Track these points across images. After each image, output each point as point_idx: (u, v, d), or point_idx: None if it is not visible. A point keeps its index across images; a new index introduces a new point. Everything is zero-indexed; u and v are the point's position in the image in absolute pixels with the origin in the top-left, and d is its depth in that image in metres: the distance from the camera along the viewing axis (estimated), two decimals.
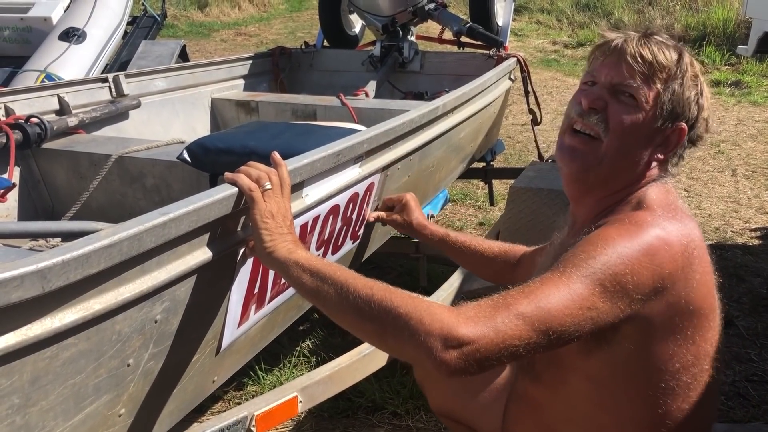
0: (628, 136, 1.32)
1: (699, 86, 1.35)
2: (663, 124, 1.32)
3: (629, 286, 1.17)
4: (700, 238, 1.30)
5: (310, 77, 4.11)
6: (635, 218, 1.27)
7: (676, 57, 1.32)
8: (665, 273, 1.20)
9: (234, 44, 11.68)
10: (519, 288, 1.16)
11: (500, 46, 3.88)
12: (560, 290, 1.14)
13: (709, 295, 1.29)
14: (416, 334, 1.09)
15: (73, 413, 1.15)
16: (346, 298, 1.17)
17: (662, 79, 1.31)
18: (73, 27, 5.48)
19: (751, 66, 8.90)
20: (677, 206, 1.33)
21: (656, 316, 1.22)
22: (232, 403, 2.65)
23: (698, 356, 1.29)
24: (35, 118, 2.35)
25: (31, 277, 0.96)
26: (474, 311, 1.12)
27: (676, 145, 1.35)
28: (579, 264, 1.17)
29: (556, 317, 1.12)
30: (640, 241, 1.21)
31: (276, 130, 2.24)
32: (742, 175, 5.48)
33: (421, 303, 1.13)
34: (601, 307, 1.16)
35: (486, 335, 1.08)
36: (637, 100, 1.31)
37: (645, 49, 1.31)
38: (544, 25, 12.22)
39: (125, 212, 2.29)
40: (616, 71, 1.32)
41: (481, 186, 5.04)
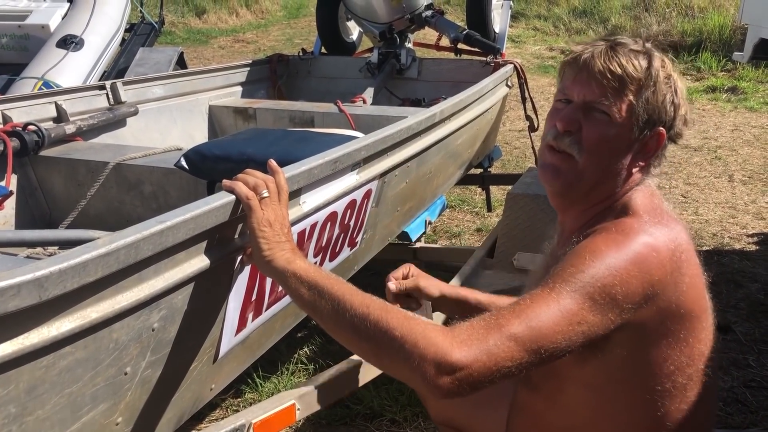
0: (604, 152, 1.32)
1: (672, 86, 1.33)
2: (640, 133, 1.32)
3: (619, 296, 1.17)
4: (688, 240, 1.30)
5: (307, 84, 4.12)
6: (622, 226, 1.27)
7: (646, 64, 1.31)
8: (654, 280, 1.21)
9: (232, 51, 11.69)
10: (510, 307, 1.17)
11: (497, 52, 3.89)
12: (550, 307, 1.15)
13: (699, 297, 1.30)
14: (410, 358, 1.10)
15: (70, 422, 1.15)
16: (343, 315, 1.17)
17: (634, 91, 1.29)
18: (71, 34, 5.48)
19: (747, 72, 8.93)
20: (662, 210, 1.34)
21: (648, 321, 1.23)
22: (230, 410, 2.65)
23: (692, 357, 1.29)
24: (33, 126, 2.35)
25: (28, 286, 0.96)
26: (467, 333, 1.12)
27: (656, 150, 1.35)
28: (567, 279, 1.18)
29: (547, 335, 1.13)
30: (628, 251, 1.21)
31: (273, 137, 2.25)
32: (739, 180, 5.49)
33: (417, 325, 1.13)
34: (591, 320, 1.16)
35: (479, 359, 1.09)
36: (610, 116, 1.30)
37: (613, 63, 1.30)
38: (541, 31, 12.26)
39: (123, 219, 2.29)
40: (588, 89, 1.31)
41: (478, 192, 5.04)
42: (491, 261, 3.08)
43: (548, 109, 1.43)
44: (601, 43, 1.34)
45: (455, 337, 1.11)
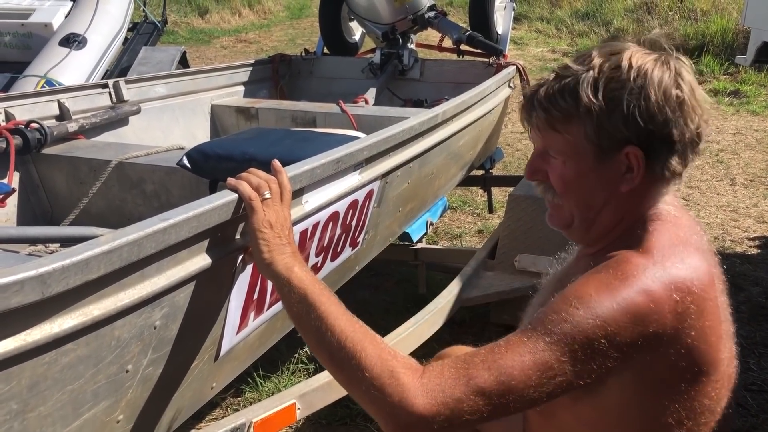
0: (575, 190, 1.26)
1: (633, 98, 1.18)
2: (603, 159, 1.22)
3: (603, 348, 1.10)
4: (705, 286, 1.18)
5: (309, 84, 4.12)
6: (624, 268, 1.16)
7: (571, 96, 1.20)
8: (648, 332, 1.12)
9: (234, 51, 11.70)
10: (484, 353, 1.12)
11: (500, 54, 3.89)
12: (524, 360, 1.09)
13: (710, 350, 1.19)
14: (376, 401, 1.10)
15: (72, 419, 1.15)
16: (322, 338, 1.17)
17: (570, 127, 1.21)
18: (74, 33, 5.49)
19: (749, 75, 8.92)
20: (687, 244, 1.21)
21: (640, 372, 1.15)
22: (231, 409, 2.65)
23: (693, 411, 1.20)
24: (35, 124, 2.36)
25: (31, 283, 0.96)
26: (436, 381, 1.09)
27: (639, 169, 1.21)
28: (548, 328, 1.11)
29: (517, 389, 1.09)
30: (620, 300, 1.11)
31: (276, 136, 2.25)
32: (741, 184, 5.49)
33: (387, 365, 1.11)
34: (569, 372, 1.10)
35: (441, 413, 1.07)
36: (561, 156, 1.24)
37: (539, 108, 1.23)
38: (543, 33, 12.25)
39: (125, 218, 2.29)
40: (536, 135, 1.28)
41: (480, 193, 5.04)
42: (492, 262, 3.09)
43: None
44: (536, 87, 1.27)
45: (423, 385, 1.09)
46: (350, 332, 1.15)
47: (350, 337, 1.15)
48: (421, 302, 2.74)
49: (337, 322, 1.17)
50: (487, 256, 3.12)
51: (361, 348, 1.13)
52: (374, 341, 1.15)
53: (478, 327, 3.24)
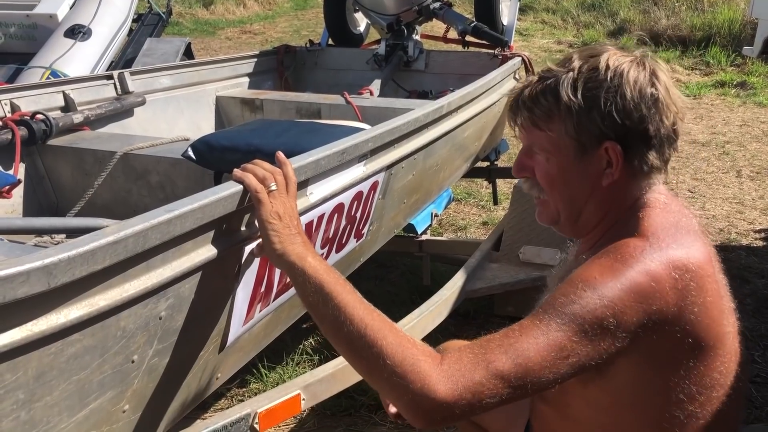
0: (558, 186, 1.31)
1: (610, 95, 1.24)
2: (583, 155, 1.28)
3: (612, 327, 1.14)
4: (702, 264, 1.22)
5: (314, 75, 4.11)
6: (622, 251, 1.21)
7: (552, 95, 1.26)
8: (652, 310, 1.16)
9: (239, 42, 11.68)
10: (499, 338, 1.16)
11: (505, 45, 3.87)
12: (539, 342, 1.14)
13: (714, 325, 1.23)
14: (398, 388, 1.13)
15: (78, 409, 1.16)
16: (341, 328, 1.19)
17: (551, 124, 1.28)
18: (79, 24, 5.48)
19: (756, 67, 8.87)
20: (678, 227, 1.26)
21: (649, 350, 1.19)
22: (236, 400, 2.66)
23: (703, 386, 1.24)
24: (40, 115, 2.36)
25: (37, 273, 0.97)
26: (455, 368, 1.12)
27: (619, 162, 1.26)
28: (558, 310, 1.16)
29: (534, 371, 1.13)
30: (624, 280, 1.16)
31: (280, 128, 2.25)
32: (747, 176, 5.47)
33: (409, 353, 1.14)
34: (582, 351, 1.14)
35: (463, 397, 1.11)
36: (544, 152, 1.31)
37: (523, 107, 1.30)
38: (549, 24, 12.20)
39: (130, 209, 2.29)
40: (521, 134, 1.35)
41: (485, 185, 5.04)
42: (497, 254, 3.09)
43: None
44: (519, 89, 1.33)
45: (443, 372, 1.12)
46: (369, 321, 1.18)
47: (370, 325, 1.17)
48: (425, 294, 2.74)
49: (356, 311, 1.19)
50: (491, 248, 3.12)
51: (382, 336, 1.15)
52: (393, 329, 1.18)
53: (483, 318, 3.24)
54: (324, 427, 2.53)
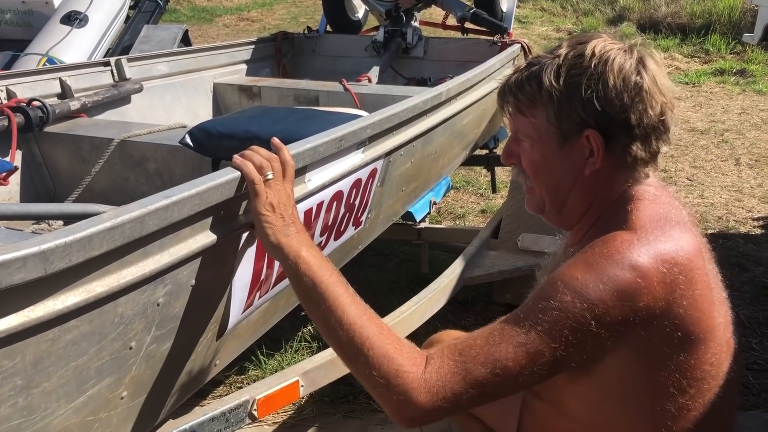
0: (543, 174, 1.32)
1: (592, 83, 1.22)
2: (564, 142, 1.27)
3: (593, 330, 1.14)
4: (691, 256, 1.20)
5: (312, 62, 4.09)
6: (609, 246, 1.19)
7: (535, 82, 1.26)
8: (639, 307, 1.15)
9: (236, 29, 11.62)
10: (480, 345, 1.18)
11: (504, 32, 3.85)
12: (518, 351, 1.15)
13: (704, 318, 1.21)
14: (382, 396, 1.19)
15: (76, 395, 1.15)
16: (332, 328, 1.22)
17: (535, 110, 1.28)
18: (75, 11, 5.46)
19: (756, 54, 8.84)
20: (667, 218, 1.24)
21: (636, 346, 1.18)
22: (234, 387, 2.67)
23: (694, 379, 1.23)
24: (37, 102, 2.35)
25: (34, 259, 0.96)
26: (436, 377, 1.16)
27: (600, 150, 1.25)
28: (539, 316, 1.16)
29: (512, 378, 1.16)
30: (607, 279, 1.14)
31: (278, 115, 2.24)
32: (746, 164, 5.47)
33: (393, 364, 1.17)
34: (562, 356, 1.15)
35: (442, 407, 1.16)
36: (529, 139, 1.31)
37: (509, 93, 1.32)
38: (548, 12, 12.14)
39: (127, 197, 2.28)
40: (509, 120, 1.36)
41: (483, 173, 5.03)
42: (495, 242, 3.09)
43: None
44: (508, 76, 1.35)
45: (425, 381, 1.16)
46: (358, 327, 1.21)
47: (357, 333, 1.20)
48: (424, 281, 2.74)
49: (345, 315, 1.22)
50: (490, 236, 3.12)
51: (369, 346, 1.19)
52: (380, 335, 1.21)
53: (481, 306, 3.25)
54: (322, 413, 2.54)
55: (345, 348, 1.22)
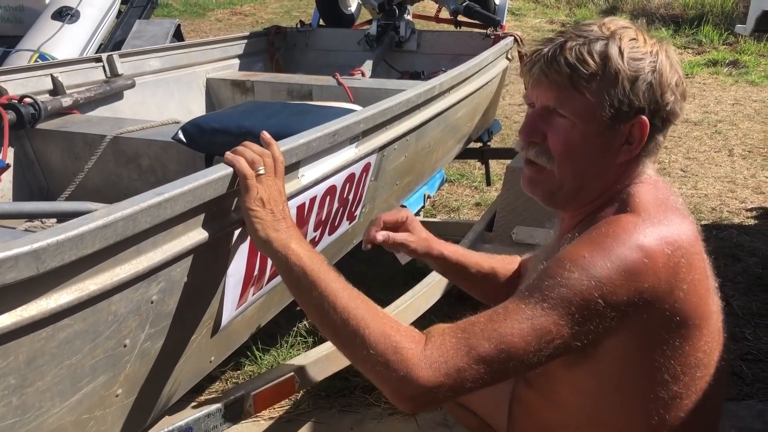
0: (575, 157, 1.25)
1: (650, 66, 1.22)
2: (612, 128, 1.23)
3: (600, 308, 1.13)
4: (691, 241, 1.21)
5: (305, 57, 4.08)
6: (614, 227, 1.18)
7: (601, 56, 1.20)
8: (644, 287, 1.14)
9: (229, 24, 11.57)
10: (484, 322, 1.15)
11: (497, 25, 3.85)
12: (523, 327, 1.13)
13: (701, 303, 1.22)
14: (382, 376, 1.15)
15: (70, 394, 1.15)
16: (325, 316, 1.20)
17: (592, 87, 1.20)
18: (66, 6, 5.41)
19: (749, 45, 8.86)
20: (668, 205, 1.24)
21: (637, 329, 1.18)
22: (230, 383, 2.66)
23: (688, 366, 1.23)
24: (29, 98, 2.33)
25: (26, 258, 0.96)
26: (438, 353, 1.13)
27: (642, 139, 1.24)
28: (545, 293, 1.14)
29: (517, 355, 1.13)
30: (614, 257, 1.14)
31: (271, 110, 2.23)
32: (739, 155, 5.48)
33: (391, 341, 1.15)
34: (567, 334, 1.13)
35: (444, 384, 1.12)
36: (570, 118, 1.23)
37: (562, 64, 1.21)
38: (541, 4, 12.12)
39: (120, 193, 2.28)
40: (544, 93, 1.25)
41: (477, 166, 5.03)
42: (490, 235, 3.09)
43: None
44: (557, 39, 1.25)
45: (426, 358, 1.13)
46: (352, 309, 1.18)
47: (352, 314, 1.18)
48: (419, 275, 2.74)
49: (338, 300, 1.19)
50: (484, 229, 3.12)
51: (364, 325, 1.16)
52: (376, 316, 1.18)
53: (476, 299, 3.24)
54: (318, 408, 2.54)
55: (340, 332, 1.19)
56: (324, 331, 1.25)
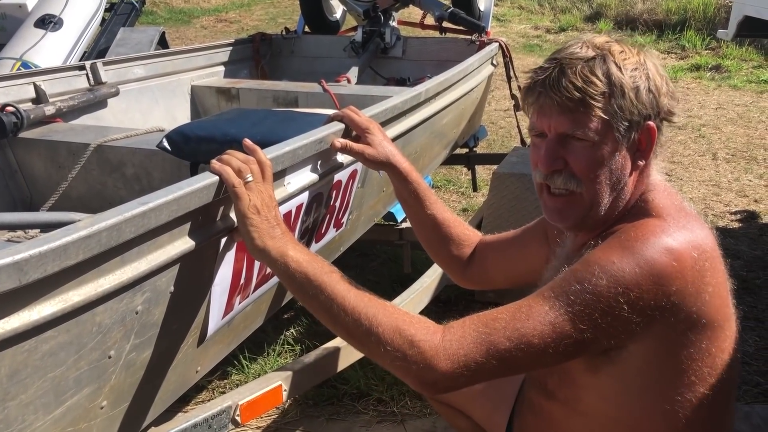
0: (602, 174, 1.26)
1: (643, 73, 1.25)
2: (628, 139, 1.26)
3: (624, 314, 1.14)
4: (713, 246, 1.24)
5: (291, 64, 4.07)
6: (642, 230, 1.20)
7: (603, 74, 1.23)
8: (671, 291, 1.15)
9: (214, 31, 11.55)
10: (506, 319, 1.17)
11: (482, 31, 3.86)
12: (545, 329, 1.15)
13: (723, 306, 1.24)
14: (401, 369, 1.18)
15: (54, 406, 1.14)
16: (336, 320, 1.22)
17: (602, 105, 1.22)
18: (49, 14, 5.39)
19: (731, 50, 8.96)
20: (685, 210, 1.27)
21: (665, 333, 1.18)
22: (217, 392, 2.65)
23: (714, 368, 1.24)
24: (11, 107, 2.31)
25: (8, 270, 0.94)
26: (457, 345, 1.16)
27: (652, 144, 1.29)
28: (571, 298, 1.15)
29: (535, 355, 1.15)
30: (643, 261, 1.15)
31: (257, 117, 2.22)
32: (723, 158, 5.53)
33: (406, 335, 1.17)
34: (589, 338, 1.15)
35: (462, 375, 1.15)
36: (589, 139, 1.24)
37: (570, 88, 1.22)
38: (526, 10, 12.21)
39: (105, 202, 2.26)
40: (555, 121, 1.26)
41: (464, 172, 5.04)
42: None
43: None
44: (551, 67, 1.26)
45: (444, 349, 1.16)
46: (362, 308, 1.20)
47: (363, 313, 1.19)
48: (406, 281, 2.74)
49: (347, 301, 1.21)
50: None
51: (377, 323, 1.18)
52: (386, 312, 1.20)
53: (464, 305, 3.25)
54: (306, 416, 2.52)
55: (353, 332, 1.21)
56: (337, 333, 1.25)
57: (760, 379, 2.73)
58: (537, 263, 1.54)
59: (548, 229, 1.56)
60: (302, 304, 1.29)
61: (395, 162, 1.66)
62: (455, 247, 1.71)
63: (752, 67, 8.57)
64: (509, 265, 1.66)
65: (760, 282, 3.49)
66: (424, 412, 2.51)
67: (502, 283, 1.71)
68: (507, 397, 1.64)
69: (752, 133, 6.19)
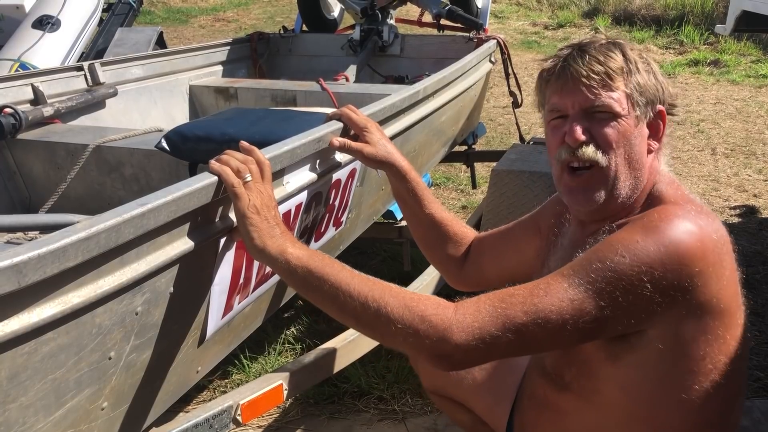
0: (624, 145, 1.29)
1: (649, 66, 1.33)
2: (645, 117, 1.31)
3: (647, 293, 1.14)
4: (727, 234, 1.26)
5: (289, 62, 4.07)
6: (665, 213, 1.22)
7: (620, 53, 1.30)
8: (695, 271, 1.16)
9: (212, 30, 11.54)
10: (524, 294, 1.17)
11: (480, 28, 3.86)
12: (563, 306, 1.14)
13: (736, 293, 1.26)
14: (415, 346, 1.17)
15: (54, 408, 1.14)
16: (344, 308, 1.21)
17: (623, 80, 1.29)
18: (47, 15, 5.37)
19: (729, 45, 8.95)
20: (696, 202, 1.29)
21: (685, 316, 1.19)
22: (218, 392, 2.65)
23: (729, 355, 1.24)
24: (9, 108, 2.30)
25: (7, 272, 0.94)
26: (472, 317, 1.15)
27: (664, 129, 1.34)
28: (591, 276, 1.15)
29: (552, 330, 1.15)
30: (668, 240, 1.16)
31: (255, 116, 2.22)
32: (722, 153, 5.53)
33: (416, 311, 1.16)
34: (608, 316, 1.15)
35: (477, 348, 1.14)
36: (613, 112, 1.28)
37: (593, 63, 1.28)
38: (524, 6, 12.19)
39: (104, 203, 2.26)
40: (580, 96, 1.29)
41: (463, 169, 5.04)
42: None
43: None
44: (567, 50, 1.32)
45: (458, 321, 1.15)
46: (368, 292, 1.20)
47: (369, 296, 1.19)
48: (406, 279, 2.74)
49: (352, 287, 1.20)
50: None
51: (384, 303, 1.18)
52: (392, 293, 1.20)
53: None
54: (307, 415, 2.53)
55: (362, 317, 1.20)
56: (345, 321, 1.25)
57: (760, 373, 2.73)
58: (529, 256, 1.56)
59: (541, 223, 1.57)
60: (307, 298, 1.28)
61: (393, 161, 1.66)
62: (452, 245, 1.72)
63: (750, 61, 8.57)
64: (502, 258, 1.67)
65: (759, 277, 3.49)
66: (425, 410, 2.51)
67: (495, 281, 1.70)
68: (508, 390, 1.64)
69: (751, 127, 6.19)
